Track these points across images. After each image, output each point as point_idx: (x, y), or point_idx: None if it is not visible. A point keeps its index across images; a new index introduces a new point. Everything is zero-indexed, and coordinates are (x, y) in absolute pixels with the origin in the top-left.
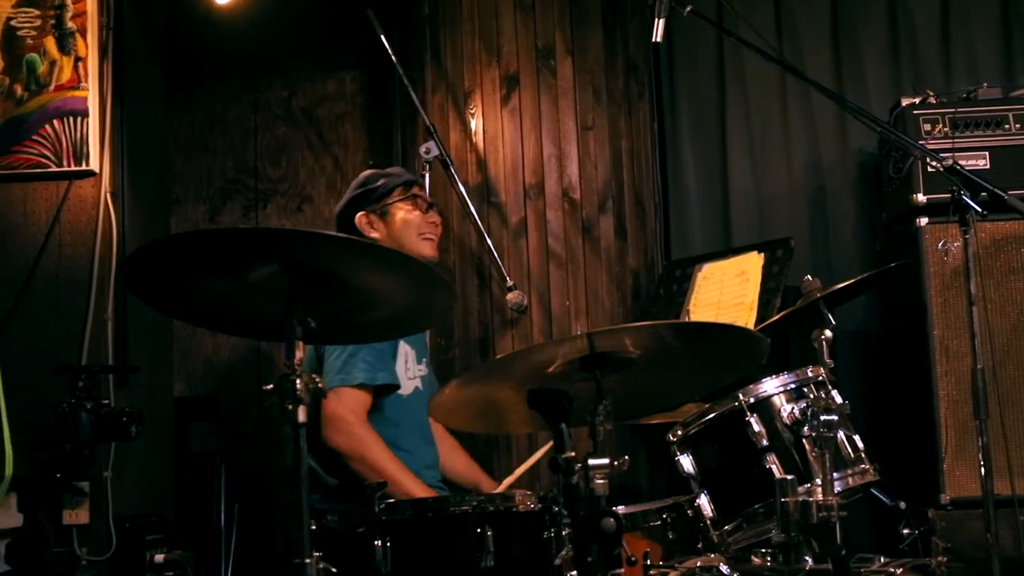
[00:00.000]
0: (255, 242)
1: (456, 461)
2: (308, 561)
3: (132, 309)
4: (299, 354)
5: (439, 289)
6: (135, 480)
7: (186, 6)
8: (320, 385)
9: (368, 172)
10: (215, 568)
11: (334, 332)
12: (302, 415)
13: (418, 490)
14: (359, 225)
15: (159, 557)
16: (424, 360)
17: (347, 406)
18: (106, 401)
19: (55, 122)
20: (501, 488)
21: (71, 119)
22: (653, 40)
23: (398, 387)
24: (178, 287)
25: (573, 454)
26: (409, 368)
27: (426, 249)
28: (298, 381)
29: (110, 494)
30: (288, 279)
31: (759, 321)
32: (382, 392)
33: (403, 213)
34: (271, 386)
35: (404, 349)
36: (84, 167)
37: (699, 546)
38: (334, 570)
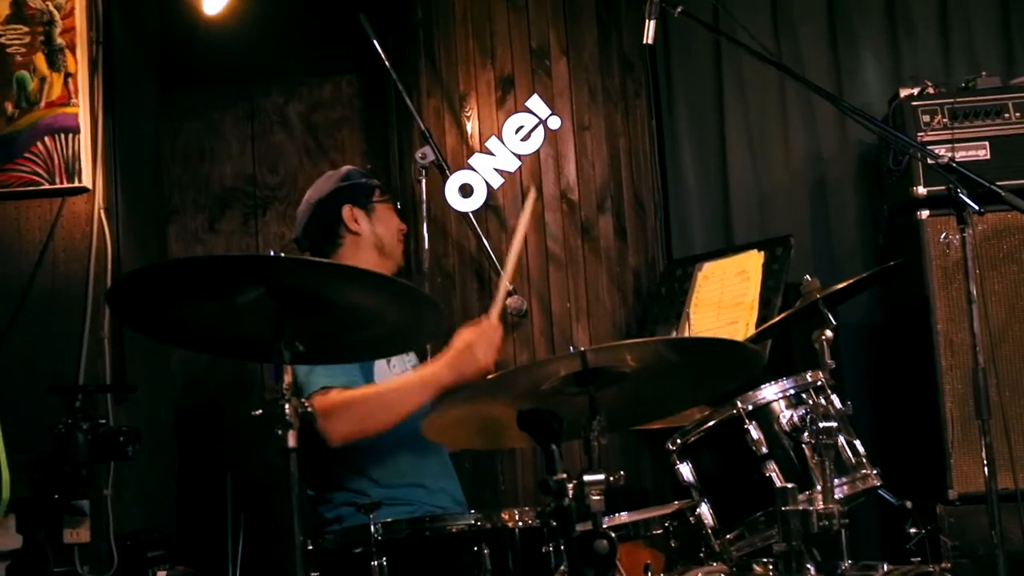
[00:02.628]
0: (240, 268)
1: None
2: None
3: None
4: (287, 378)
5: (428, 309)
6: (136, 497)
7: (177, 16)
8: (309, 409)
9: (349, 167)
10: None
11: (323, 353)
12: (292, 440)
13: (419, 375)
14: (344, 217)
15: (161, 574)
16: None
17: (320, 403)
18: (103, 420)
19: (47, 139)
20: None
21: (63, 136)
22: (644, 42)
23: None
24: (165, 312)
25: (565, 475)
26: (394, 366)
27: (400, 252)
28: (287, 406)
29: (111, 512)
30: (275, 302)
31: (760, 320)
32: None
33: (385, 214)
34: (260, 411)
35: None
36: (77, 184)
37: (701, 554)
38: None
